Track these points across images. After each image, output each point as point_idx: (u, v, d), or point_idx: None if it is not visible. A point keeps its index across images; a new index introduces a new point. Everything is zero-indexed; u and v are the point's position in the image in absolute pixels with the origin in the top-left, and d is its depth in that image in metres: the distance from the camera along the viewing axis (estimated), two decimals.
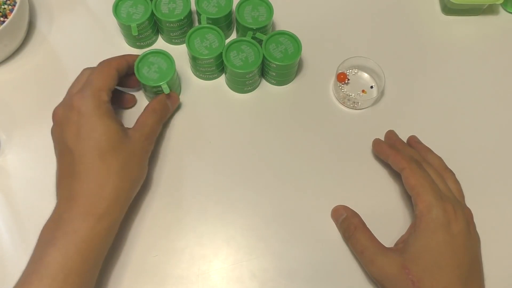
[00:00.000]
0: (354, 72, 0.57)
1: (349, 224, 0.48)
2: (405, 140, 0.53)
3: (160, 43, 0.59)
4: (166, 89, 0.51)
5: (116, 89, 0.51)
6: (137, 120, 0.49)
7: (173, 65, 0.52)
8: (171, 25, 0.55)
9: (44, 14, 0.60)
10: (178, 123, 0.54)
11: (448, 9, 0.60)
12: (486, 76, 0.58)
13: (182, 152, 0.53)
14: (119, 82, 0.49)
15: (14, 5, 0.53)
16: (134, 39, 0.56)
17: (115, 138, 0.44)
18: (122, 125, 0.46)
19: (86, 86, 0.45)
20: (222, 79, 0.57)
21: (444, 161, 0.50)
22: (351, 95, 0.55)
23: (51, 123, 0.54)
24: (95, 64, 0.56)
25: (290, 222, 0.50)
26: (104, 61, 0.49)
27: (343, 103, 0.56)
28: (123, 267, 0.48)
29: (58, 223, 0.41)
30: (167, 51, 0.52)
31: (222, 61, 0.53)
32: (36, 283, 0.39)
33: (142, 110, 0.50)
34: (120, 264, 0.48)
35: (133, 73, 0.51)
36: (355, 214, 0.48)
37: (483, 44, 0.60)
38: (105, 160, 0.43)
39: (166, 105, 0.51)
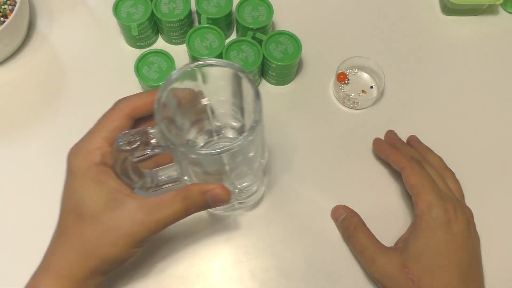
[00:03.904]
0: (354, 72, 0.57)
1: (349, 223, 0.48)
2: (405, 140, 0.53)
3: (160, 43, 0.59)
4: None
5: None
6: (161, 196, 0.38)
7: (173, 65, 0.52)
8: (171, 25, 0.55)
9: (44, 14, 0.60)
10: None
11: (448, 9, 0.60)
12: (486, 76, 0.58)
13: None
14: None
15: (14, 5, 0.53)
16: (134, 39, 0.56)
17: (95, 206, 0.37)
18: (117, 192, 0.38)
19: (84, 139, 0.39)
20: None
21: (444, 161, 0.50)
22: (351, 95, 0.55)
23: (51, 123, 0.54)
24: (94, 64, 0.57)
25: (290, 222, 0.50)
26: (118, 102, 0.40)
27: (343, 103, 0.56)
28: (123, 267, 0.48)
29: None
30: (167, 51, 0.52)
31: None
32: None
33: None
34: None
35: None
36: (354, 214, 0.48)
37: (483, 44, 0.60)
38: (78, 227, 0.38)
39: (203, 200, 0.38)
